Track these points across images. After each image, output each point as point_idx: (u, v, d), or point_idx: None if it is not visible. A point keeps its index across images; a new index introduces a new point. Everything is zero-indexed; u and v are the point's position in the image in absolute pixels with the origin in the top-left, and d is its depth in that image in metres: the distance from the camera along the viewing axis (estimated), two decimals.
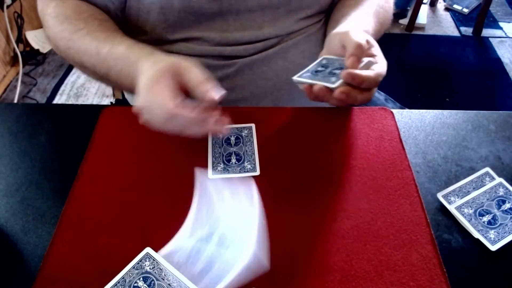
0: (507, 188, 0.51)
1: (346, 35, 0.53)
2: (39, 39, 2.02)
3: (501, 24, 2.31)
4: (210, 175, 0.52)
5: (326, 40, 0.60)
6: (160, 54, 0.52)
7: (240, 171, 0.53)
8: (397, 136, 0.58)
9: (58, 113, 0.62)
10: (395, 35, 2.20)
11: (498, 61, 2.05)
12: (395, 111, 0.61)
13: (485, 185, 0.51)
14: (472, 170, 0.54)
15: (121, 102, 0.92)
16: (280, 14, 0.64)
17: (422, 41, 2.18)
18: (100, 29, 0.58)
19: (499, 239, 0.47)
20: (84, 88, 1.87)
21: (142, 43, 0.56)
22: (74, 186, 0.51)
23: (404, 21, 2.24)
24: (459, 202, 0.50)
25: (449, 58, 2.09)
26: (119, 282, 0.42)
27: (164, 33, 0.64)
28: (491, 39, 2.19)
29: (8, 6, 1.84)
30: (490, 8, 2.28)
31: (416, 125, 0.60)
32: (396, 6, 2.26)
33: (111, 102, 1.10)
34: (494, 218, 0.48)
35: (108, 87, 1.85)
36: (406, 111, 0.62)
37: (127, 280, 0.42)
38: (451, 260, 0.45)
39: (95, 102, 1.81)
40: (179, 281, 0.42)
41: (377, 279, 0.43)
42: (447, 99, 1.84)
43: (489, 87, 1.93)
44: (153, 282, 0.42)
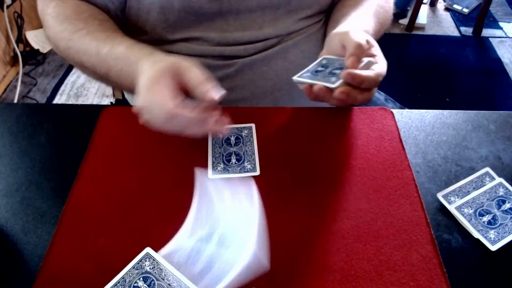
0: (507, 188, 0.51)
1: (346, 35, 0.53)
2: (39, 39, 2.02)
3: (501, 24, 2.31)
4: (210, 175, 0.52)
5: (326, 40, 0.60)
6: (160, 54, 0.52)
7: (240, 171, 0.53)
8: (397, 136, 0.58)
9: (58, 113, 0.62)
10: (395, 35, 2.20)
11: (498, 61, 2.05)
12: (395, 111, 0.61)
13: (485, 185, 0.51)
14: (472, 170, 0.54)
15: (121, 102, 0.92)
16: (280, 14, 0.64)
17: (422, 41, 2.18)
18: (100, 29, 0.58)
19: (499, 239, 0.47)
20: (84, 88, 1.87)
21: (142, 43, 0.56)
22: (74, 186, 0.51)
23: (404, 21, 2.24)
24: (459, 202, 0.50)
25: (449, 58, 2.09)
26: (119, 282, 0.42)
27: (164, 33, 0.64)
28: (491, 39, 2.19)
29: (8, 6, 1.84)
30: (490, 8, 2.28)
31: (416, 125, 0.60)
32: (396, 6, 2.26)
33: (111, 102, 1.10)
34: (494, 218, 0.48)
35: (108, 87, 1.85)
36: (406, 111, 0.62)
37: (127, 280, 0.42)
38: (451, 260, 0.45)
39: (95, 102, 1.81)
40: (179, 281, 0.42)
41: (377, 279, 0.43)
42: (447, 99, 1.84)
43: (489, 87, 1.93)
44: (153, 282, 0.42)
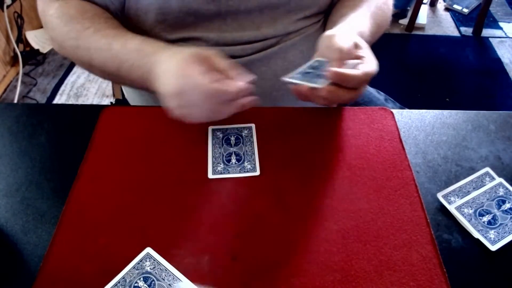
0: (507, 188, 0.51)
1: (331, 38, 0.53)
2: (39, 39, 2.02)
3: (501, 24, 2.31)
4: (210, 175, 0.52)
5: (319, 41, 0.60)
6: (177, 47, 0.53)
7: (240, 171, 0.53)
8: (397, 136, 0.58)
9: (58, 113, 0.62)
10: (395, 35, 2.20)
11: (498, 61, 2.05)
12: (395, 111, 0.61)
13: (485, 185, 0.52)
14: (472, 170, 0.54)
15: (121, 102, 0.92)
16: (278, 15, 0.64)
17: (422, 41, 2.18)
18: (107, 26, 0.59)
19: (499, 239, 0.47)
20: (84, 88, 1.87)
21: (154, 39, 0.57)
22: (74, 186, 0.51)
23: (404, 21, 2.24)
24: (459, 202, 0.50)
25: (449, 58, 2.09)
26: (119, 282, 0.42)
27: (162, 33, 0.64)
28: (491, 39, 2.19)
29: (8, 6, 1.84)
30: (490, 8, 2.28)
31: (416, 125, 0.60)
32: (396, 6, 2.27)
33: (111, 102, 1.10)
34: (494, 218, 0.48)
35: (108, 87, 1.85)
36: (406, 111, 0.62)
37: (127, 280, 0.42)
38: (451, 260, 0.45)
39: (95, 102, 1.81)
40: (179, 281, 0.42)
41: (377, 279, 0.43)
42: (447, 99, 1.84)
43: (489, 87, 1.93)
44: (153, 282, 0.42)
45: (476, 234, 0.47)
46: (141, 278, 0.42)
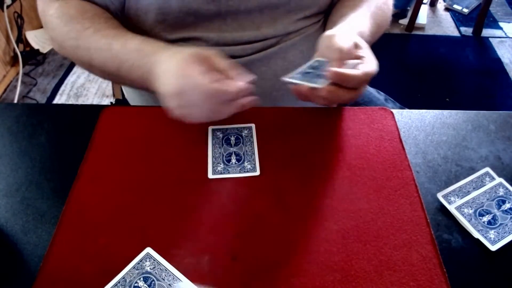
0: (507, 188, 0.51)
1: (331, 38, 0.53)
2: (39, 39, 2.02)
3: (501, 24, 2.31)
4: (210, 175, 0.52)
5: (319, 41, 0.60)
6: (176, 47, 0.53)
7: (240, 171, 0.53)
8: (397, 136, 0.58)
9: (58, 113, 0.62)
10: (395, 35, 2.20)
11: (498, 61, 2.05)
12: (395, 111, 0.61)
13: (485, 185, 0.52)
14: (472, 170, 0.54)
15: (121, 102, 0.92)
16: (278, 15, 0.64)
17: (422, 41, 2.18)
18: (107, 26, 0.59)
19: (499, 239, 0.47)
20: (84, 88, 1.87)
21: (154, 39, 0.57)
22: (74, 186, 0.51)
23: (404, 21, 2.24)
24: (459, 202, 0.50)
25: (449, 58, 2.09)
26: (119, 282, 0.42)
27: (162, 33, 0.64)
28: (491, 39, 2.19)
29: (8, 6, 1.84)
30: (490, 8, 2.28)
31: (416, 125, 0.60)
32: (396, 6, 2.27)
33: (111, 102, 1.10)
34: (494, 218, 0.48)
35: (108, 87, 1.85)
36: (406, 111, 0.62)
37: (127, 280, 0.42)
38: (451, 260, 0.45)
39: (95, 102, 1.81)
40: (179, 281, 0.42)
41: (377, 279, 0.43)
42: (447, 99, 1.84)
43: (489, 87, 1.93)
44: (153, 282, 0.42)
45: (476, 234, 0.47)
46: (141, 278, 0.42)
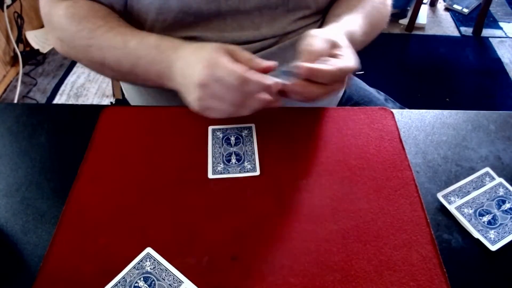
0: (507, 188, 0.51)
1: (304, 39, 0.54)
2: (39, 39, 2.02)
3: (501, 24, 2.31)
4: (210, 175, 0.52)
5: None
6: (197, 43, 0.54)
7: (240, 171, 0.53)
8: (397, 136, 0.58)
9: (58, 113, 0.62)
10: (395, 35, 2.20)
11: (498, 61, 2.06)
12: (395, 111, 0.61)
13: (485, 185, 0.52)
14: (472, 170, 0.54)
15: (121, 102, 0.92)
16: (277, 15, 0.65)
17: (422, 41, 2.18)
18: (121, 24, 0.59)
19: (499, 239, 0.47)
20: (84, 88, 1.87)
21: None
22: (74, 186, 0.51)
23: (404, 21, 2.24)
24: (459, 202, 0.50)
25: (449, 58, 2.09)
26: (119, 282, 0.42)
27: (162, 33, 0.64)
28: (491, 39, 2.19)
29: (8, 6, 1.84)
30: (490, 8, 2.29)
31: (416, 125, 0.60)
32: (396, 6, 2.27)
33: (111, 102, 1.11)
34: (494, 218, 0.48)
35: (108, 87, 1.85)
36: (406, 111, 0.62)
37: (127, 280, 0.42)
38: (451, 260, 0.45)
39: (95, 102, 1.81)
40: (179, 281, 0.42)
41: (377, 279, 0.43)
42: (447, 99, 1.84)
43: (489, 87, 1.93)
44: (153, 282, 0.42)
45: (476, 234, 0.47)
46: (141, 278, 0.42)
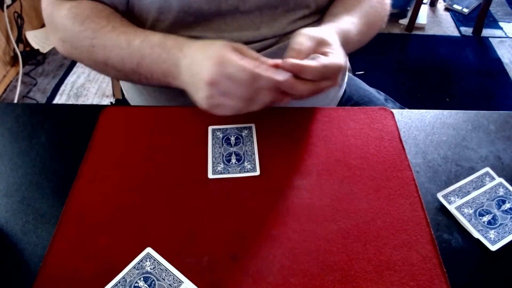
0: (507, 188, 0.51)
1: (293, 37, 0.54)
2: (39, 39, 2.02)
3: (501, 24, 2.31)
4: (210, 175, 0.52)
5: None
6: (203, 41, 0.54)
7: (240, 171, 0.53)
8: (397, 136, 0.58)
9: (58, 113, 0.62)
10: (395, 35, 2.20)
11: (498, 61, 2.05)
12: (395, 111, 0.61)
13: (485, 185, 0.52)
14: (472, 170, 0.54)
15: (121, 102, 0.92)
16: (277, 14, 0.65)
17: (422, 41, 2.18)
18: (124, 24, 0.59)
19: (499, 239, 0.47)
20: (84, 88, 1.87)
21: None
22: (74, 186, 0.51)
23: (404, 21, 2.24)
24: (459, 202, 0.50)
25: (449, 58, 2.09)
26: (119, 282, 0.42)
27: (162, 32, 0.64)
28: (491, 39, 2.19)
29: (8, 6, 1.84)
30: (490, 8, 2.29)
31: (416, 125, 0.60)
32: (396, 6, 2.27)
33: (111, 102, 1.11)
34: (494, 218, 0.48)
35: (108, 87, 1.85)
36: (406, 111, 0.62)
37: (127, 280, 0.42)
38: (451, 260, 0.45)
39: (95, 102, 1.81)
40: (179, 282, 0.42)
41: (377, 279, 0.43)
42: (447, 99, 1.84)
43: (489, 87, 1.93)
44: (153, 282, 0.42)
45: (476, 234, 0.47)
46: (142, 278, 0.42)
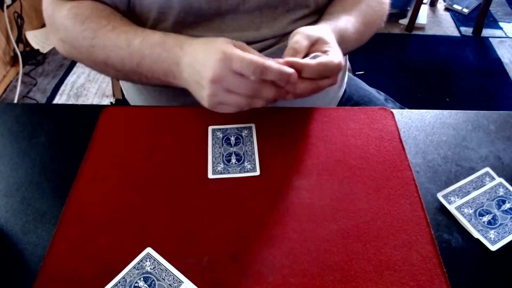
0: (507, 188, 0.51)
1: (291, 36, 0.54)
2: (39, 39, 2.02)
3: (501, 24, 2.31)
4: (210, 175, 0.52)
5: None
6: (204, 38, 0.53)
7: (240, 171, 0.53)
8: (397, 136, 0.58)
9: (58, 113, 0.62)
10: (395, 35, 2.20)
11: (498, 61, 2.05)
12: (395, 111, 0.61)
13: (485, 185, 0.52)
14: (472, 170, 0.54)
15: (121, 102, 0.92)
16: (278, 14, 0.65)
17: (422, 41, 2.18)
18: (124, 23, 0.59)
19: (499, 239, 0.47)
20: (84, 88, 1.87)
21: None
22: (74, 186, 0.51)
23: (404, 21, 2.24)
24: (459, 202, 0.50)
25: (449, 58, 2.09)
26: (119, 282, 0.42)
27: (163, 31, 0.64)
28: (491, 39, 2.19)
29: (8, 6, 1.84)
30: (490, 8, 2.29)
31: (416, 125, 0.60)
32: (396, 6, 2.27)
33: (111, 102, 1.11)
34: (494, 218, 0.48)
35: (108, 87, 1.85)
36: (406, 111, 0.62)
37: (127, 280, 0.42)
38: (451, 260, 0.45)
39: (95, 102, 1.81)
40: (179, 282, 0.42)
41: (377, 279, 0.43)
42: (447, 99, 1.84)
43: (489, 87, 1.93)
44: (153, 282, 0.42)
45: (476, 234, 0.47)
46: (141, 278, 0.42)
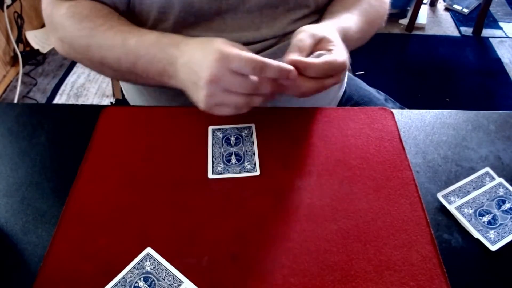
0: (507, 188, 0.51)
1: (294, 35, 0.54)
2: (39, 39, 2.02)
3: (501, 24, 2.31)
4: (210, 175, 0.52)
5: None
6: (200, 38, 0.53)
7: (240, 171, 0.53)
8: (397, 136, 0.58)
9: (58, 113, 0.62)
10: (395, 35, 2.20)
11: (498, 61, 2.05)
12: (395, 111, 0.61)
13: (485, 185, 0.52)
14: (472, 170, 0.54)
15: (121, 102, 0.92)
16: (278, 14, 0.65)
17: (422, 41, 2.18)
18: (121, 23, 0.59)
19: (499, 239, 0.47)
20: (84, 88, 1.87)
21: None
22: (74, 186, 0.51)
23: (404, 21, 2.24)
24: (459, 202, 0.50)
25: (449, 58, 2.09)
26: (119, 282, 0.42)
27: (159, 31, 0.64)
28: (491, 39, 2.19)
29: (8, 6, 1.84)
30: (490, 8, 2.29)
31: (416, 125, 0.60)
32: (396, 6, 2.27)
33: (111, 102, 1.11)
34: (494, 218, 0.48)
35: (108, 87, 1.85)
36: (406, 111, 0.62)
37: (127, 280, 0.42)
38: (451, 260, 0.45)
39: (95, 102, 1.81)
40: (179, 282, 0.42)
41: (377, 279, 0.43)
42: (447, 99, 1.84)
43: (489, 87, 1.93)
44: (153, 282, 0.42)
45: (476, 234, 0.47)
46: (141, 278, 0.42)
